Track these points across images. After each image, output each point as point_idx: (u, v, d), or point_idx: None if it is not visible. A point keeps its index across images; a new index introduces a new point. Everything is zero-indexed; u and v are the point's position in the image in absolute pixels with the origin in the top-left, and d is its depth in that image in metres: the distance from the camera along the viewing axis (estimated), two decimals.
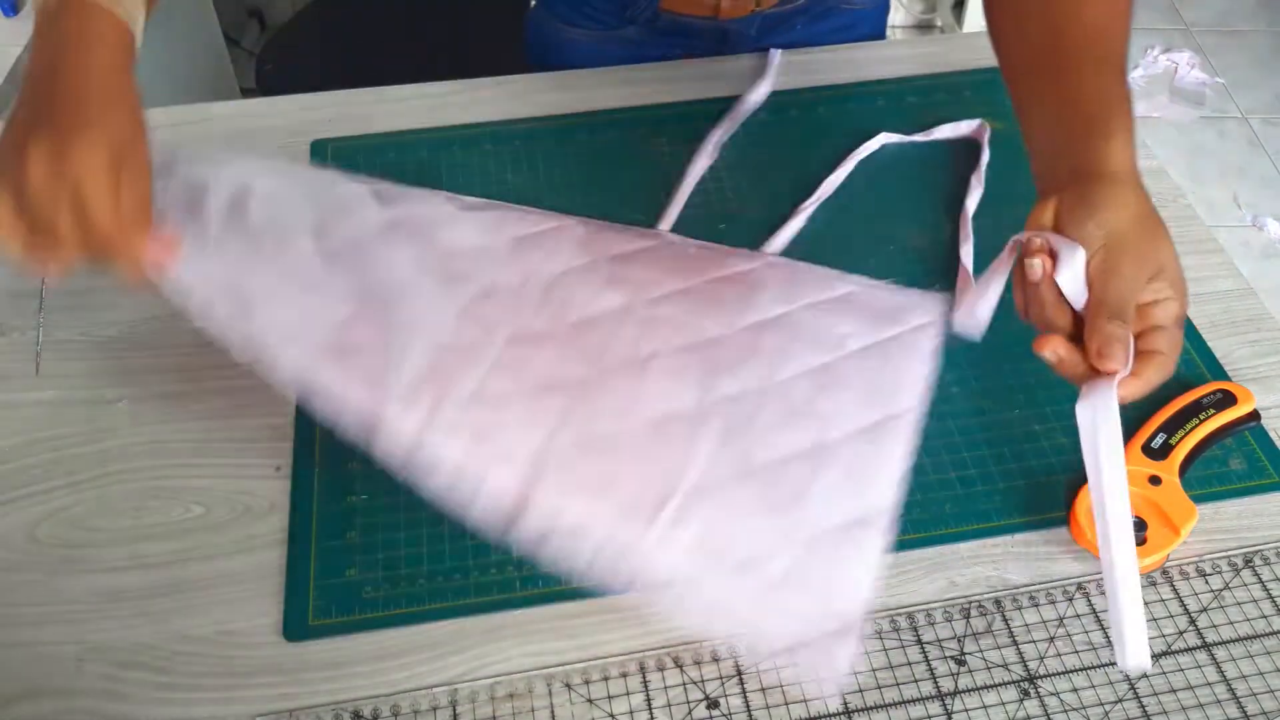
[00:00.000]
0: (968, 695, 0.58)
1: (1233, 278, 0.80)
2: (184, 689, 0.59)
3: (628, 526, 0.60)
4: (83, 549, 0.64)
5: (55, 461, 0.68)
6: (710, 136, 0.89)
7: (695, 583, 0.60)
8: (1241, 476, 0.68)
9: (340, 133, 0.91)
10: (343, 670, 0.59)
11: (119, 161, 0.55)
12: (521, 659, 0.60)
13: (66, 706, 0.58)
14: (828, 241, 0.81)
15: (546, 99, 0.93)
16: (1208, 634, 0.61)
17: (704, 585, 0.60)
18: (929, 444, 0.69)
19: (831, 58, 0.98)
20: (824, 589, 0.60)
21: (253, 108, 0.95)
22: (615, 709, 0.58)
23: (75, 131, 0.54)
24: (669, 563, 0.60)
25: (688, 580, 0.59)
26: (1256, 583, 0.63)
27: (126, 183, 0.55)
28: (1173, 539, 0.63)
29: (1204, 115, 2.40)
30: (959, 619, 0.61)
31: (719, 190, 0.86)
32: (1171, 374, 0.56)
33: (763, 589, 0.60)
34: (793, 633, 0.58)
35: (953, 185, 0.85)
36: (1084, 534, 0.63)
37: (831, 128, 0.91)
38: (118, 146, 0.55)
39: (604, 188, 0.86)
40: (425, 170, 0.87)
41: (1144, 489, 0.64)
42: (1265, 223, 2.14)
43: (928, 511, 0.66)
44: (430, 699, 0.58)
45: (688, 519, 0.61)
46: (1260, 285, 0.82)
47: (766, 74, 0.94)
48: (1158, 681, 0.59)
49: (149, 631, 0.61)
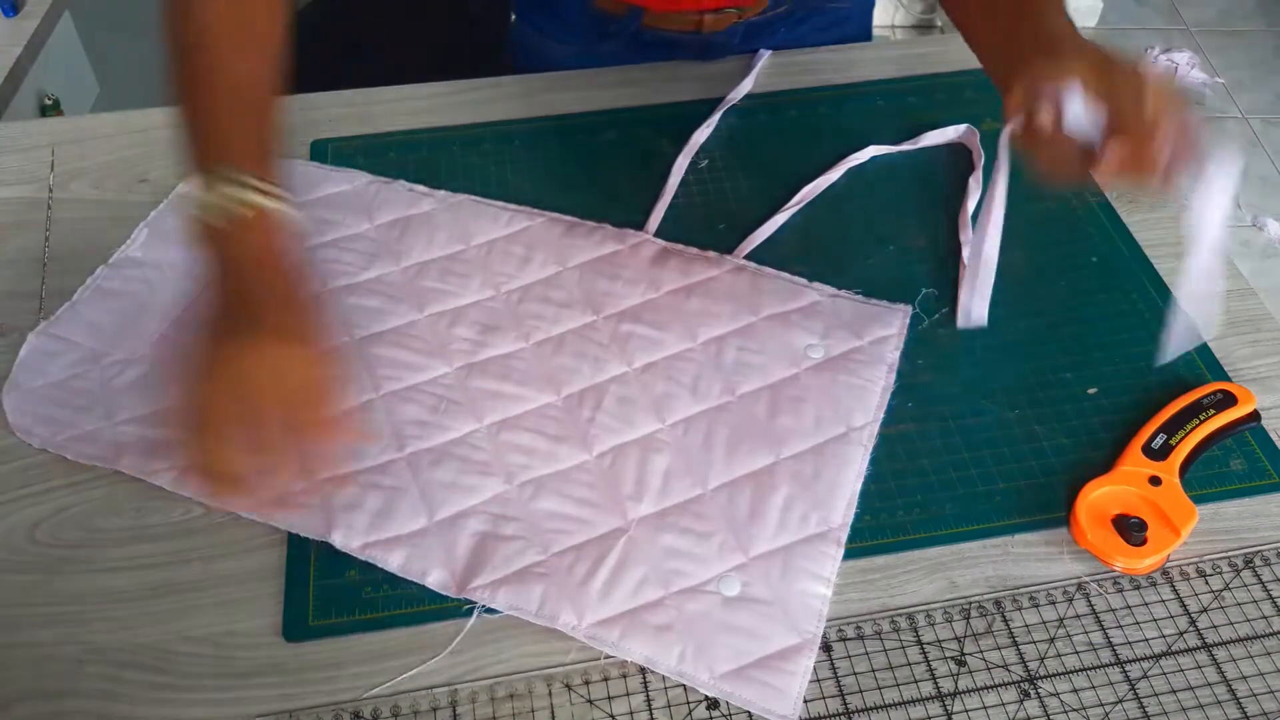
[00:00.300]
0: (968, 696, 0.58)
1: (1233, 278, 0.80)
2: (184, 689, 0.58)
3: (572, 581, 0.62)
4: (83, 549, 0.64)
5: (55, 461, 0.68)
6: (692, 136, 0.89)
7: (642, 613, 0.60)
8: (1242, 477, 0.68)
9: (340, 133, 0.91)
10: (343, 670, 0.59)
11: (327, 362, 0.60)
12: (521, 659, 0.60)
13: (66, 707, 0.58)
14: (828, 242, 0.81)
15: (546, 99, 0.93)
16: (1208, 634, 0.61)
17: (653, 613, 0.60)
18: (929, 444, 0.69)
19: (833, 58, 0.98)
20: (781, 605, 0.60)
21: None
22: (615, 710, 0.58)
23: (287, 340, 0.58)
24: (615, 604, 0.61)
25: (633, 614, 0.60)
26: (1257, 583, 0.63)
27: (331, 379, 0.60)
28: (1173, 540, 0.63)
29: (1204, 115, 2.40)
30: (959, 619, 0.61)
31: (719, 190, 0.86)
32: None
33: (717, 608, 0.60)
34: (748, 651, 0.59)
35: (952, 186, 0.86)
36: (1084, 534, 0.63)
37: (832, 128, 0.91)
38: (322, 346, 0.60)
39: (602, 187, 0.86)
40: (425, 170, 0.87)
41: (1144, 489, 0.64)
42: (1265, 223, 2.14)
43: (928, 512, 0.66)
44: (430, 699, 0.58)
45: (633, 560, 0.63)
46: (1260, 285, 0.82)
47: (750, 74, 0.95)
48: (1158, 682, 0.59)
49: (149, 632, 0.61)
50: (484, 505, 0.65)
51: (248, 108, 0.63)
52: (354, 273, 0.78)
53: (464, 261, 0.79)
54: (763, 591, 0.61)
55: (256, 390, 0.57)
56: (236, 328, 0.58)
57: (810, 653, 0.59)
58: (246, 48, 0.64)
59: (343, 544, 0.63)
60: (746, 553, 0.63)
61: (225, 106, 0.63)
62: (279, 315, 0.59)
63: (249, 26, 0.65)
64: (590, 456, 0.67)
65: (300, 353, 0.58)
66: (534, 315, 0.75)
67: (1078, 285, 0.79)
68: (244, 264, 0.60)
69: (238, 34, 0.64)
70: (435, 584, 0.62)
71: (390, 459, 0.67)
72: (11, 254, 0.81)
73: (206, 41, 0.63)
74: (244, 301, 0.59)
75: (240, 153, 0.61)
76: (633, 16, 0.94)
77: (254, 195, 0.59)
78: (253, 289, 0.59)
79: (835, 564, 0.62)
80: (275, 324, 0.58)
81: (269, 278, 0.60)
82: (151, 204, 0.84)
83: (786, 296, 0.77)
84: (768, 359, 0.73)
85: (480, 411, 0.70)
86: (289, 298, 0.60)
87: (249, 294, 0.59)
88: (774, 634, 0.60)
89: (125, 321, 0.75)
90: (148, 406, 0.70)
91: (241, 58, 0.64)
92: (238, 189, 0.59)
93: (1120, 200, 0.85)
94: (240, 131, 0.63)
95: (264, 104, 0.64)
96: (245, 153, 0.61)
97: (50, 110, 1.34)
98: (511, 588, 0.61)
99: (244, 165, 0.60)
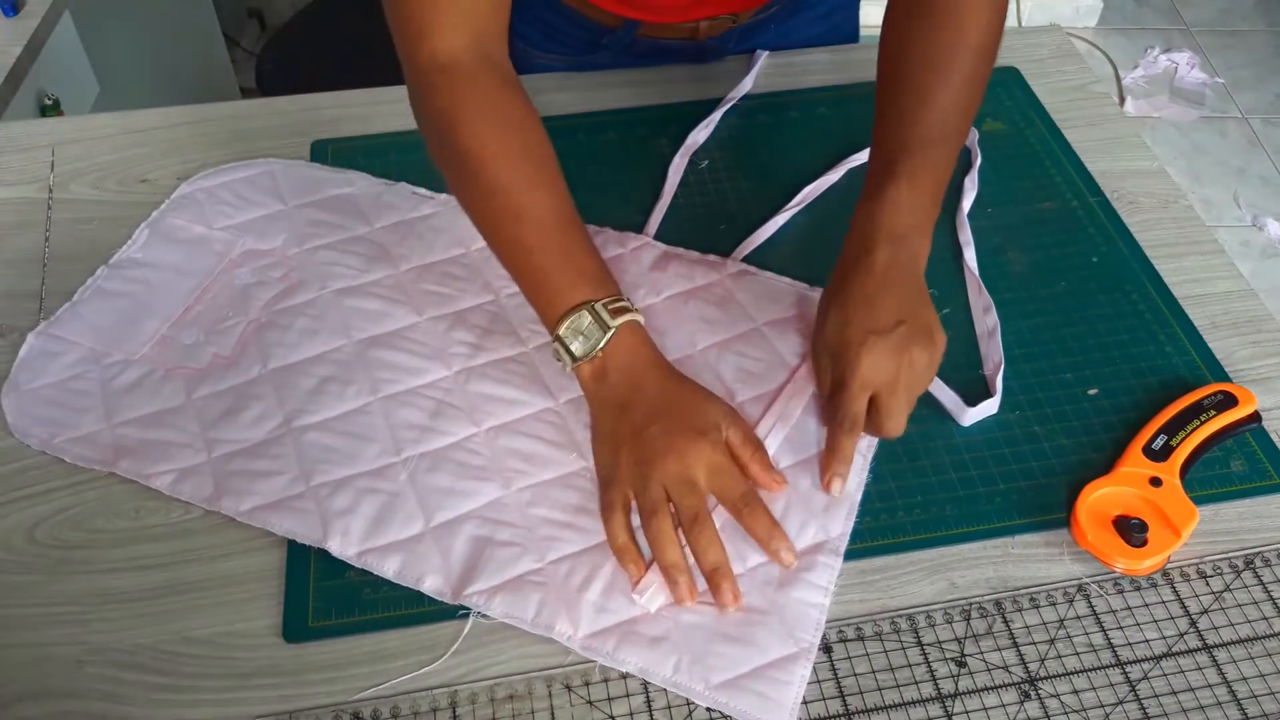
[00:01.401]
0: (968, 697, 0.58)
1: (1233, 278, 0.80)
2: (184, 690, 0.58)
3: (569, 589, 0.62)
4: (83, 550, 0.64)
5: (55, 462, 0.68)
6: (691, 137, 0.89)
7: (638, 624, 0.60)
8: (1242, 478, 0.68)
9: (340, 133, 0.91)
10: (343, 671, 0.59)
11: (745, 433, 0.65)
12: (521, 660, 0.60)
13: (67, 708, 0.58)
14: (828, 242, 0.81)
15: (545, 99, 0.93)
16: (1209, 636, 0.61)
17: (649, 623, 0.60)
18: (930, 445, 0.69)
19: (832, 58, 0.98)
20: (778, 615, 0.60)
21: (253, 108, 0.95)
22: (615, 711, 0.58)
23: (703, 429, 0.63)
24: (611, 614, 0.61)
25: (629, 624, 0.60)
26: (1257, 584, 0.63)
27: (755, 443, 0.65)
28: (1173, 540, 0.63)
29: (1204, 115, 2.40)
30: (959, 620, 0.61)
31: (719, 191, 0.86)
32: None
33: (713, 618, 0.60)
34: (744, 661, 0.58)
35: (950, 185, 0.85)
36: (1084, 535, 0.63)
37: (832, 128, 0.91)
38: (732, 419, 0.65)
39: (602, 187, 0.86)
40: (425, 170, 0.87)
41: (1145, 490, 0.64)
42: (1265, 223, 2.14)
43: (928, 513, 0.66)
44: (430, 700, 0.58)
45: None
46: (1260, 285, 0.83)
47: (749, 74, 0.95)
48: (1159, 683, 0.59)
49: (149, 633, 0.61)
50: (480, 511, 0.65)
51: (562, 240, 0.67)
52: (354, 275, 0.78)
53: (464, 265, 0.79)
54: (759, 601, 0.61)
55: (692, 484, 0.62)
56: (650, 420, 0.64)
57: (807, 662, 0.58)
58: (535, 181, 0.68)
59: (339, 551, 0.63)
60: (744, 562, 0.63)
61: (544, 248, 0.67)
62: (689, 409, 0.65)
63: (526, 154, 0.69)
64: (588, 463, 0.67)
65: (711, 434, 0.64)
66: (534, 320, 0.75)
67: (1078, 285, 0.79)
68: (633, 372, 0.66)
69: (526, 169, 0.68)
70: (431, 590, 0.62)
71: (387, 463, 0.67)
72: (11, 254, 0.81)
73: (500, 184, 0.67)
74: (645, 401, 0.65)
75: (582, 285, 0.66)
76: (627, 29, 0.93)
77: (613, 319, 0.65)
78: (647, 387, 0.65)
79: (834, 573, 0.62)
80: (686, 419, 0.64)
81: (657, 374, 0.66)
82: (151, 204, 0.84)
83: (787, 303, 0.76)
84: (767, 366, 0.72)
85: (478, 416, 0.69)
86: (680, 382, 0.66)
87: (644, 392, 0.65)
88: (770, 643, 0.59)
89: (125, 322, 0.75)
90: (146, 408, 0.70)
91: (533, 189, 0.68)
92: (597, 320, 0.65)
93: (1120, 200, 0.85)
94: (570, 267, 0.67)
95: (571, 223, 0.68)
96: (583, 283, 0.66)
97: (50, 110, 1.34)
98: (508, 595, 0.61)
99: (593, 297, 0.66)
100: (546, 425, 0.69)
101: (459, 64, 0.68)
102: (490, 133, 0.67)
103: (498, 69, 0.69)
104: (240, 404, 0.70)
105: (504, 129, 0.68)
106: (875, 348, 0.64)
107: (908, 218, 0.68)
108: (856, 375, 0.64)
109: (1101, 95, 0.95)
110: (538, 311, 0.68)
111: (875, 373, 0.64)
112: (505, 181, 0.67)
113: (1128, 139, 0.91)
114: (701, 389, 0.66)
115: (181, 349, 0.73)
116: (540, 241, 0.67)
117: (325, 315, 0.75)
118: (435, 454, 0.67)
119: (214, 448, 0.68)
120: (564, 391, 0.71)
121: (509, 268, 0.69)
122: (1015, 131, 0.91)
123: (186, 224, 0.82)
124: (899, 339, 0.64)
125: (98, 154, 0.89)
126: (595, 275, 0.67)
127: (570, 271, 0.66)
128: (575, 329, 0.65)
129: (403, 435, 0.68)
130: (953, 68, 0.70)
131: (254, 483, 0.66)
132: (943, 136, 0.70)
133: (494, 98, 0.68)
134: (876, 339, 0.64)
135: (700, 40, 0.95)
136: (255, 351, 0.73)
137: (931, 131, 0.69)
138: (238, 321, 0.75)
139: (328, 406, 0.70)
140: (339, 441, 0.68)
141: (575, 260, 0.67)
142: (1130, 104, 2.41)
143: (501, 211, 0.67)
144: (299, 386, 0.71)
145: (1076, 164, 0.88)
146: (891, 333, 0.65)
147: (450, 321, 0.75)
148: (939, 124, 0.70)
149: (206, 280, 0.78)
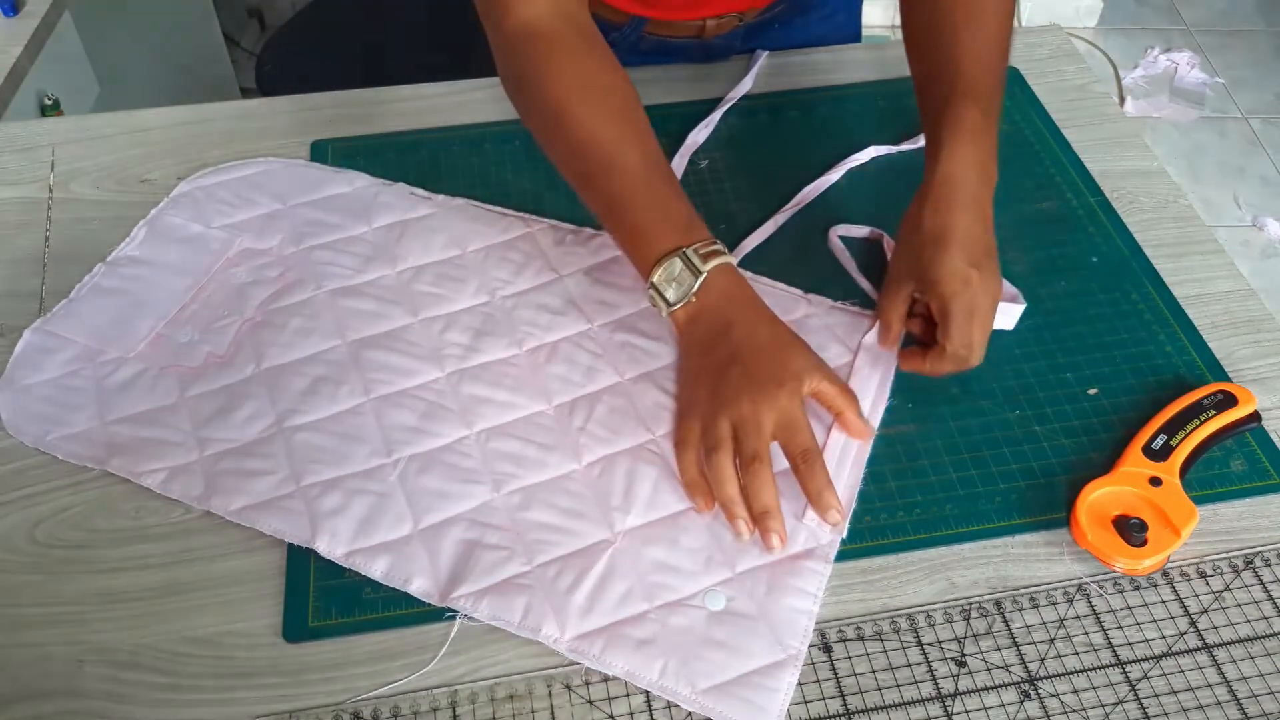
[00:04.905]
0: (968, 697, 0.58)
1: (1233, 278, 0.80)
2: (184, 690, 0.58)
3: (556, 592, 0.61)
4: (83, 549, 0.64)
5: (55, 461, 0.68)
6: (691, 137, 0.89)
7: (625, 626, 0.60)
8: (1242, 478, 0.68)
9: (340, 133, 0.91)
10: (343, 671, 0.59)
11: (835, 383, 0.66)
12: (521, 660, 0.60)
13: (67, 707, 0.58)
14: (827, 241, 0.81)
15: None
16: (1208, 635, 0.61)
17: (636, 626, 0.60)
18: (929, 445, 0.69)
19: (832, 58, 0.98)
20: (766, 621, 0.60)
21: (253, 108, 0.95)
22: (615, 710, 0.58)
23: (782, 379, 0.64)
24: (598, 616, 0.60)
25: (616, 627, 0.60)
26: (1257, 584, 0.63)
27: (848, 393, 0.66)
28: (1173, 540, 0.63)
29: (1204, 115, 2.39)
30: (959, 620, 0.61)
31: (718, 191, 0.86)
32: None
33: (701, 623, 0.60)
34: (731, 667, 0.58)
35: None
36: (1084, 535, 0.63)
37: (832, 128, 0.91)
38: (819, 371, 0.65)
39: None
40: (425, 170, 0.87)
41: (1144, 490, 0.64)
42: (1265, 223, 2.14)
43: (928, 513, 0.66)
44: (430, 700, 0.58)
45: (619, 572, 0.62)
46: (1260, 285, 0.83)
47: (749, 74, 0.95)
48: (1158, 683, 0.59)
49: (149, 632, 0.61)
50: (470, 513, 0.65)
51: (650, 189, 0.69)
52: (349, 275, 0.78)
53: (460, 266, 0.79)
54: (748, 607, 0.61)
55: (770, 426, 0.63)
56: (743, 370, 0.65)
57: (794, 669, 0.58)
58: (622, 133, 0.71)
59: (327, 551, 0.63)
60: (733, 568, 0.62)
61: (633, 198, 0.69)
62: (767, 347, 0.66)
63: (612, 107, 0.72)
64: (579, 466, 0.67)
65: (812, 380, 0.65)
66: (528, 322, 0.75)
67: (1078, 285, 0.79)
68: (724, 314, 0.67)
69: (614, 122, 0.71)
70: (418, 592, 0.61)
71: (378, 464, 0.67)
72: (11, 254, 0.81)
73: (589, 139, 0.70)
74: (731, 342, 0.66)
75: (672, 232, 0.68)
76: (634, 26, 0.93)
77: (704, 264, 0.67)
78: (735, 330, 0.66)
79: (823, 580, 0.62)
80: (780, 365, 0.65)
81: (748, 317, 0.67)
82: (151, 204, 0.84)
83: (781, 310, 0.76)
84: None
85: (470, 418, 0.69)
86: (772, 327, 0.67)
87: (733, 334, 0.66)
88: (758, 650, 0.59)
89: (121, 319, 0.75)
90: (139, 406, 0.70)
91: (620, 142, 0.70)
92: (689, 265, 0.67)
93: (1120, 200, 0.85)
94: (660, 215, 0.69)
95: (658, 171, 0.70)
96: (674, 230, 0.68)
97: (50, 110, 1.34)
98: (494, 598, 0.61)
99: (684, 243, 0.67)
100: (539, 428, 0.69)
101: (544, 29, 0.72)
102: (577, 90, 0.70)
103: (581, 29, 0.74)
104: (233, 403, 0.70)
105: (590, 85, 0.71)
106: (975, 284, 0.66)
107: (986, 148, 0.70)
108: (964, 309, 0.66)
109: (1101, 95, 0.95)
110: (633, 262, 0.70)
111: (977, 305, 0.66)
112: (594, 136, 0.70)
113: (1128, 139, 0.91)
114: (792, 337, 0.67)
115: (176, 347, 0.74)
116: (629, 192, 0.69)
117: (320, 315, 0.75)
118: (426, 455, 0.67)
119: (205, 446, 0.68)
120: (557, 394, 0.71)
121: (604, 222, 0.72)
122: (1015, 131, 0.91)
123: (184, 222, 0.82)
124: (989, 274, 0.67)
125: (98, 154, 0.89)
126: (685, 221, 0.69)
127: (660, 220, 0.68)
128: (668, 276, 0.67)
129: (394, 436, 0.68)
130: (987, 15, 0.74)
131: (244, 482, 0.66)
132: (992, 68, 0.73)
133: (579, 56, 0.72)
134: (976, 275, 0.66)
135: (706, 39, 0.95)
136: (249, 351, 0.73)
137: (989, 63, 0.73)
138: (233, 320, 0.75)
139: (320, 407, 0.70)
140: (330, 442, 0.68)
141: (665, 208, 0.69)
142: (1130, 104, 2.41)
143: (592, 166, 0.70)
144: (292, 386, 0.71)
145: (1076, 164, 0.88)
146: (984, 267, 0.67)
147: (444, 323, 0.75)
148: (986, 61, 0.73)
149: (203, 279, 0.78)
